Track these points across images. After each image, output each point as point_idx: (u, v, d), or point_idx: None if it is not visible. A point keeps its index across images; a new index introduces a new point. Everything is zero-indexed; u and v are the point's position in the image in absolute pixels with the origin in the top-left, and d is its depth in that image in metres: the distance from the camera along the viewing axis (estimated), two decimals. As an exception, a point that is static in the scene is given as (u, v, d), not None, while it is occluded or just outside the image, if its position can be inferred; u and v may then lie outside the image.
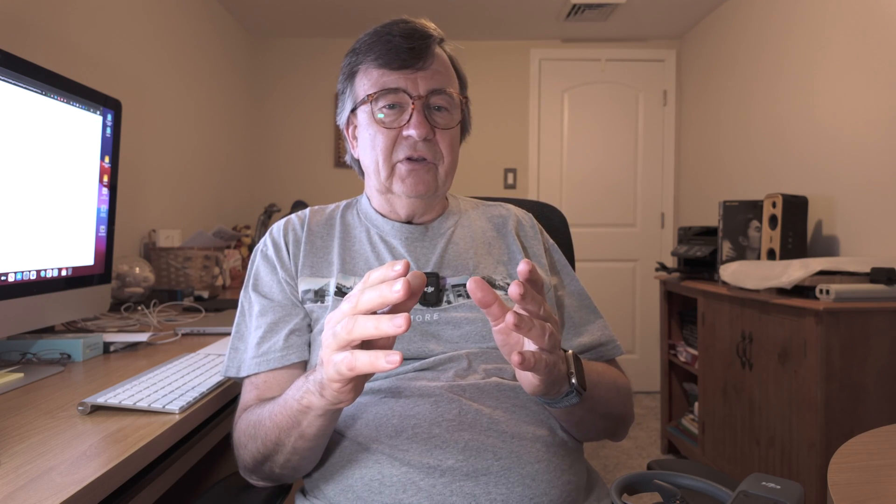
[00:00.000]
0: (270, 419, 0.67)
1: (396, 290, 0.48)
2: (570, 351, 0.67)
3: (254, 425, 0.70)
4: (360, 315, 0.50)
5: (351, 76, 0.84)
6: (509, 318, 0.52)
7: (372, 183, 0.86)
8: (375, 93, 0.80)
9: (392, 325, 0.48)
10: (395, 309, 0.51)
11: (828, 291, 1.56)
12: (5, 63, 0.94)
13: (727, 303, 2.03)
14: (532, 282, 0.55)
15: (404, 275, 0.49)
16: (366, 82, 0.81)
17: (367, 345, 0.53)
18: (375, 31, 0.82)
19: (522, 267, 0.54)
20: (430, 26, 0.83)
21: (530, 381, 0.61)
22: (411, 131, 0.78)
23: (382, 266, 0.51)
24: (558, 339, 0.59)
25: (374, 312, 0.51)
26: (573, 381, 0.65)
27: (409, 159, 0.80)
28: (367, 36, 0.82)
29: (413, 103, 0.79)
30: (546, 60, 3.53)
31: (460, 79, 0.87)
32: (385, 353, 0.49)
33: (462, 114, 0.87)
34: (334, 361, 0.52)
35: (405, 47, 0.78)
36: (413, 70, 0.79)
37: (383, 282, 0.50)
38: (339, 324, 0.52)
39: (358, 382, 0.56)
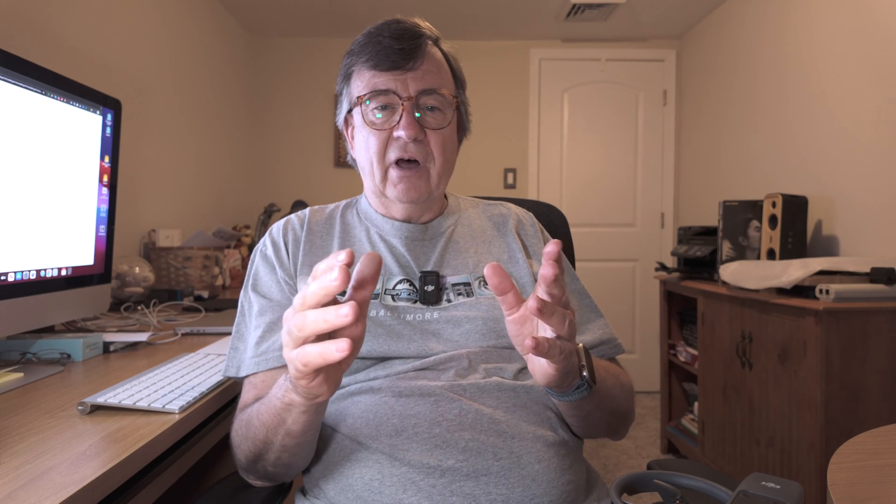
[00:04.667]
0: (258, 418, 0.67)
1: (333, 279, 0.47)
2: (581, 344, 0.67)
3: (245, 425, 0.70)
4: (308, 310, 0.49)
5: (347, 77, 0.85)
6: (532, 302, 0.53)
7: (368, 185, 0.87)
8: (366, 94, 0.80)
9: (338, 315, 0.47)
10: (354, 298, 0.51)
11: (828, 291, 1.56)
12: (5, 63, 0.94)
13: (727, 303, 2.03)
14: (561, 275, 0.55)
15: (348, 263, 0.48)
16: (359, 83, 0.82)
17: (332, 336, 0.51)
18: (368, 33, 0.82)
19: (551, 248, 0.54)
20: (423, 25, 0.83)
21: (545, 370, 0.61)
22: (400, 132, 0.78)
23: (329, 257, 0.50)
24: (575, 328, 0.59)
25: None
26: (584, 373, 0.65)
27: (400, 162, 0.80)
28: (361, 37, 0.82)
29: (403, 104, 0.79)
30: (546, 60, 3.53)
31: (457, 78, 0.87)
32: (334, 342, 0.48)
33: (459, 113, 0.87)
34: (291, 358, 0.52)
35: (395, 48, 0.78)
36: (403, 71, 0.79)
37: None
38: (291, 321, 0.51)
39: (329, 374, 0.54)
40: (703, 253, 2.29)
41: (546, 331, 0.58)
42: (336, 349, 0.48)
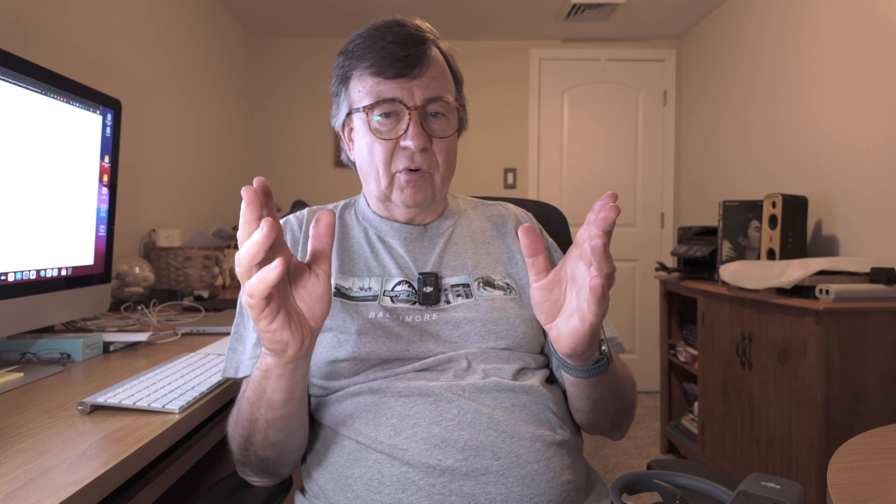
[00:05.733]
0: (244, 398, 0.69)
1: (248, 200, 0.53)
2: None
3: (235, 413, 0.72)
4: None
5: (345, 80, 0.83)
6: (598, 240, 0.54)
7: (371, 189, 0.85)
8: (371, 104, 0.78)
9: (259, 233, 0.51)
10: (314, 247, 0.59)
11: (827, 291, 1.56)
12: (5, 63, 0.94)
13: (727, 303, 2.03)
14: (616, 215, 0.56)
15: (261, 189, 0.54)
16: (361, 89, 0.80)
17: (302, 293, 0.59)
18: (368, 35, 0.80)
19: (606, 200, 0.56)
20: (425, 28, 0.82)
21: (576, 329, 0.61)
22: (408, 142, 0.77)
23: (244, 188, 0.54)
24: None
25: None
26: (604, 347, 0.67)
27: (407, 170, 0.80)
28: (360, 38, 0.80)
29: (409, 113, 0.78)
30: (546, 60, 3.53)
31: (456, 78, 0.86)
32: (267, 266, 0.52)
33: (459, 117, 0.87)
34: (244, 301, 0.55)
35: (400, 55, 0.77)
36: (409, 79, 0.78)
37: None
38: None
39: (291, 319, 0.58)
40: (703, 253, 2.29)
41: (575, 292, 0.61)
42: (269, 269, 0.51)
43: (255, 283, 0.53)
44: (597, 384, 0.71)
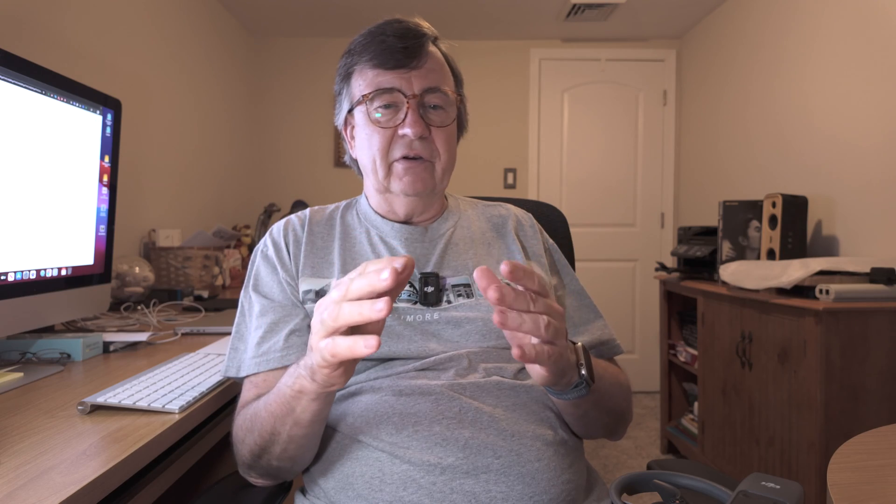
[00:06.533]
0: (266, 409, 0.67)
1: (384, 279, 0.50)
2: (580, 343, 0.68)
3: (250, 419, 0.71)
4: (345, 302, 0.51)
5: (347, 77, 0.85)
6: (494, 316, 0.53)
7: (370, 182, 0.87)
8: (370, 93, 0.80)
9: (373, 309, 0.49)
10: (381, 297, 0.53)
11: (827, 291, 1.56)
12: (5, 63, 0.94)
13: (727, 303, 2.03)
14: (522, 276, 0.54)
15: (400, 272, 0.50)
16: (361, 83, 0.82)
17: (356, 330, 0.54)
18: (369, 32, 0.82)
19: (503, 268, 0.53)
20: (424, 25, 0.84)
21: (538, 371, 0.61)
22: (406, 130, 0.79)
23: (382, 259, 0.52)
24: (562, 328, 0.58)
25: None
26: (583, 372, 0.66)
27: (405, 158, 0.81)
28: (362, 37, 0.83)
29: (408, 102, 0.79)
30: (546, 60, 3.53)
31: (455, 76, 0.87)
32: (363, 337, 0.50)
33: (458, 111, 0.87)
34: (320, 348, 0.54)
35: (399, 47, 0.79)
36: (407, 69, 0.80)
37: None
38: (326, 311, 0.53)
39: (348, 366, 0.57)
40: (703, 253, 2.29)
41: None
42: (365, 345, 0.50)
43: (344, 350, 0.52)
44: (579, 403, 0.71)
